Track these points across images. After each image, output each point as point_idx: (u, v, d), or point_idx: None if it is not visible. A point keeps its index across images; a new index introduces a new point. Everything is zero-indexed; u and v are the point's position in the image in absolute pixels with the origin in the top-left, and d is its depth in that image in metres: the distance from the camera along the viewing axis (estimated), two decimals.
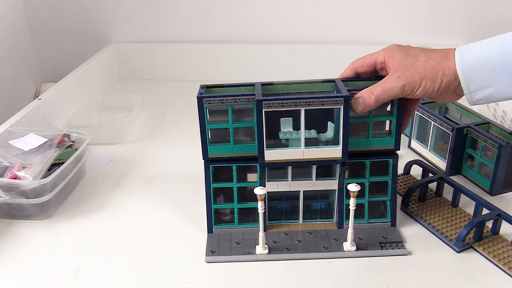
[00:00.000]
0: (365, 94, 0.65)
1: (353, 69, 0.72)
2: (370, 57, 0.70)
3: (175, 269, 0.67)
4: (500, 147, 0.79)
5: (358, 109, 0.66)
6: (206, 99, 0.66)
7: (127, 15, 1.38)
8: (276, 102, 0.64)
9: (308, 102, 0.64)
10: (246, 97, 0.66)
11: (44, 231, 0.76)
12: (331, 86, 0.71)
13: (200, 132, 0.68)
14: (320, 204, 0.75)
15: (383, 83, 0.65)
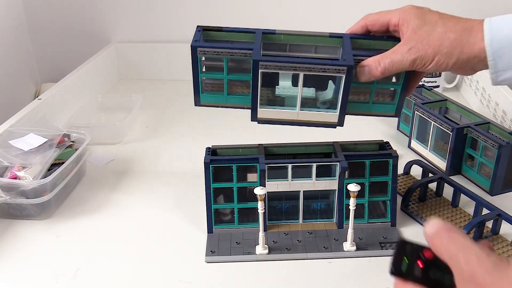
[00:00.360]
0: (371, 64, 0.60)
1: (364, 25, 0.65)
2: (384, 16, 0.63)
3: (175, 269, 0.67)
4: (500, 147, 0.79)
5: (362, 79, 0.61)
6: (200, 49, 0.61)
7: (127, 15, 1.38)
8: (273, 64, 0.60)
9: (308, 68, 0.60)
10: (244, 51, 0.62)
11: (44, 231, 0.76)
12: (338, 42, 0.67)
13: (193, 80, 0.64)
14: (320, 204, 0.75)
15: (392, 54, 0.59)
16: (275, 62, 0.60)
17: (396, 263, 0.42)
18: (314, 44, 0.67)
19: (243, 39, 0.66)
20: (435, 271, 0.41)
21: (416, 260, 0.42)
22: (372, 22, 0.64)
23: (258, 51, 0.61)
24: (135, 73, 1.43)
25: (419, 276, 0.41)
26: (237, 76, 0.65)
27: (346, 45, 0.63)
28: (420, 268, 0.41)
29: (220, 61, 0.63)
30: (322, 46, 0.67)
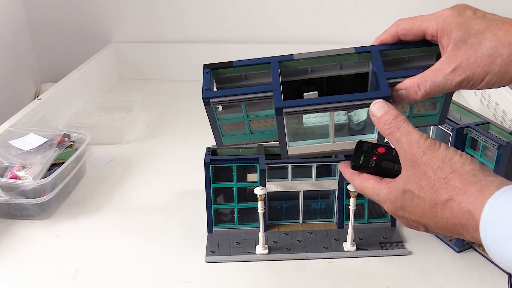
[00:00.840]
0: (410, 88, 0.52)
1: (395, 34, 0.56)
2: (418, 24, 0.54)
3: (175, 269, 0.67)
4: (500, 147, 0.79)
5: (400, 103, 0.53)
6: (214, 100, 0.55)
7: (127, 15, 1.38)
8: (298, 110, 0.53)
9: (338, 107, 0.53)
10: (263, 94, 0.55)
11: (44, 231, 0.76)
12: (366, 57, 0.58)
13: (211, 126, 0.58)
14: (320, 204, 0.75)
15: (434, 75, 0.51)
16: (300, 106, 0.53)
17: (355, 158, 0.53)
18: (339, 63, 0.58)
19: (258, 71, 0.59)
20: (386, 163, 0.51)
21: (372, 156, 0.52)
22: (404, 31, 0.55)
23: (279, 93, 0.53)
24: (135, 73, 1.43)
25: (372, 166, 0.52)
26: (259, 115, 0.58)
27: (376, 63, 0.55)
28: (374, 160, 0.52)
29: (237, 105, 0.57)
30: (348, 63, 0.59)
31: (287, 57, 0.57)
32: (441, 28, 0.51)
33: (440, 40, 0.52)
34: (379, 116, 0.49)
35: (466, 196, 0.42)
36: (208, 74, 0.58)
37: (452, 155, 0.44)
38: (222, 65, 0.59)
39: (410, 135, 0.46)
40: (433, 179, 0.44)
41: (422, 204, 0.45)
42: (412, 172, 0.46)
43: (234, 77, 0.59)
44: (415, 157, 0.45)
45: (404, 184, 0.47)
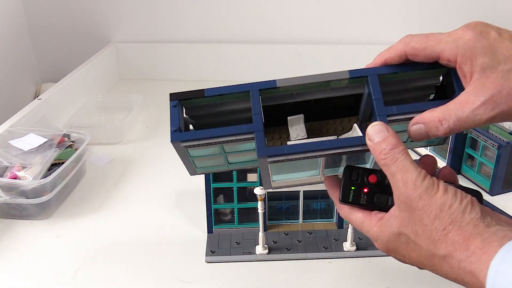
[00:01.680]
0: (430, 123, 0.45)
1: (402, 54, 0.48)
2: (432, 45, 0.45)
3: (175, 269, 0.67)
4: (500, 147, 0.79)
5: (417, 139, 0.46)
6: (185, 144, 0.47)
7: (127, 15, 1.38)
8: (284, 158, 0.46)
9: (330, 154, 0.46)
10: (242, 136, 0.47)
11: (44, 231, 0.76)
12: (359, 82, 0.49)
13: (181, 160, 0.51)
14: (320, 204, 0.75)
15: (458, 109, 0.43)
16: (287, 154, 0.46)
17: (344, 192, 0.47)
18: (328, 88, 0.50)
19: (235, 98, 0.50)
20: (379, 196, 0.46)
21: (362, 188, 0.47)
22: (414, 51, 0.47)
23: (261, 136, 0.46)
24: (135, 73, 1.43)
25: (364, 203, 0.46)
26: (238, 150, 0.50)
27: (374, 91, 0.47)
28: (365, 194, 0.47)
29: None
30: (338, 88, 0.50)
31: (269, 84, 0.48)
32: (463, 53, 0.43)
33: (461, 66, 0.44)
34: (376, 142, 0.44)
35: (467, 253, 0.38)
36: (176, 108, 0.48)
37: (451, 202, 0.40)
38: (192, 94, 0.49)
39: (407, 172, 0.42)
40: (430, 228, 0.40)
41: (419, 251, 0.42)
42: (407, 214, 0.42)
43: (206, 105, 0.50)
44: (410, 200, 0.41)
45: (399, 226, 0.43)
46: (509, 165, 0.81)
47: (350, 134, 0.50)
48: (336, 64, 1.35)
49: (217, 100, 0.49)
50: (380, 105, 0.46)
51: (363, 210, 0.47)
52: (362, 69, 0.48)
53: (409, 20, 1.34)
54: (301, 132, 0.51)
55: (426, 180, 0.41)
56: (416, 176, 0.41)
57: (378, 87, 0.47)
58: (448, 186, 0.42)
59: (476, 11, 1.31)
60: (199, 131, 0.47)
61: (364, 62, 0.57)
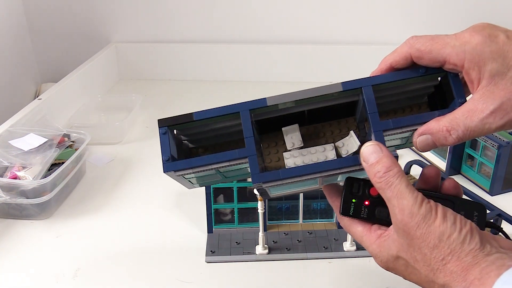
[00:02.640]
0: (438, 133, 0.43)
1: (407, 56, 0.45)
2: (438, 48, 0.43)
3: (175, 269, 0.67)
4: (500, 147, 0.79)
5: (424, 149, 0.45)
6: (178, 173, 0.47)
7: (127, 15, 1.38)
8: (280, 183, 0.45)
9: (326, 175, 0.46)
10: (235, 161, 0.46)
11: (44, 231, 0.76)
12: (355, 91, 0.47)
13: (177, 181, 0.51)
14: (320, 204, 0.75)
15: (467, 118, 0.42)
16: (283, 179, 0.45)
17: (345, 205, 0.46)
18: (322, 103, 0.49)
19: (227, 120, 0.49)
20: (380, 210, 0.45)
21: (363, 201, 0.46)
22: (419, 53, 0.45)
23: (255, 161, 0.45)
24: (135, 73, 1.43)
25: (364, 216, 0.46)
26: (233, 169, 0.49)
27: (369, 104, 0.45)
28: (366, 207, 0.46)
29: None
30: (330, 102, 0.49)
31: (258, 103, 0.47)
32: (470, 59, 0.42)
33: (468, 72, 0.42)
34: (370, 163, 0.43)
35: (465, 284, 0.38)
36: (166, 135, 0.49)
37: (450, 231, 0.39)
38: (181, 119, 0.49)
39: (403, 198, 0.41)
40: (429, 257, 0.40)
41: (418, 275, 0.42)
42: (405, 241, 0.41)
43: (197, 125, 0.49)
44: (408, 228, 0.40)
45: (397, 251, 0.43)
46: (509, 165, 0.81)
47: (347, 140, 0.49)
48: (336, 64, 1.36)
49: (205, 122, 0.49)
50: (375, 120, 0.45)
51: (363, 223, 0.46)
52: (356, 81, 0.47)
53: (409, 20, 1.34)
54: (297, 140, 0.50)
55: (423, 207, 0.40)
56: (412, 203, 0.40)
57: (373, 100, 0.45)
58: (447, 211, 0.41)
59: (476, 10, 1.31)
60: (191, 160, 0.46)
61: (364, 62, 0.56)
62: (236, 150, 0.46)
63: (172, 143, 0.48)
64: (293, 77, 1.37)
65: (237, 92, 1.31)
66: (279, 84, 1.36)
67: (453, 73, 0.45)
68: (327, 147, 0.48)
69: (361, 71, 1.47)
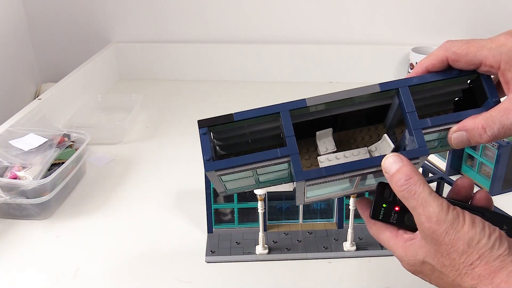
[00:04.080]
0: (473, 129, 0.45)
1: (444, 59, 0.47)
2: (475, 51, 0.45)
3: (175, 269, 0.67)
4: (500, 147, 0.79)
5: (458, 146, 0.46)
6: (220, 172, 0.46)
7: (127, 15, 1.38)
8: (322, 181, 0.46)
9: (365, 173, 0.46)
10: (278, 160, 0.46)
11: (44, 231, 0.76)
12: (388, 94, 0.48)
13: (213, 183, 0.51)
14: (320, 204, 0.75)
15: (503, 116, 0.44)
16: (326, 177, 0.46)
17: (375, 209, 0.47)
18: (358, 104, 0.49)
19: (263, 122, 0.49)
20: (410, 217, 0.45)
21: (394, 206, 0.46)
22: (456, 56, 0.46)
23: (297, 159, 0.45)
24: (135, 73, 1.43)
25: (394, 222, 0.46)
26: (270, 171, 0.49)
27: (407, 105, 0.46)
28: (396, 212, 0.46)
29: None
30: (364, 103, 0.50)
31: (298, 104, 0.47)
32: (507, 60, 0.44)
33: (504, 73, 0.44)
34: (391, 173, 0.44)
35: (492, 286, 0.39)
36: (206, 136, 0.47)
37: (480, 237, 0.40)
38: (221, 120, 0.48)
39: (428, 206, 0.42)
40: (458, 262, 0.41)
41: (445, 279, 0.43)
42: (433, 247, 0.42)
43: (234, 128, 0.49)
44: (436, 235, 0.41)
45: (424, 256, 0.43)
46: (509, 165, 0.81)
47: (380, 143, 0.50)
48: (336, 64, 1.36)
49: (245, 123, 0.49)
50: (414, 119, 0.46)
51: (391, 228, 0.47)
52: (392, 82, 0.48)
53: (409, 20, 1.34)
54: (330, 145, 0.51)
55: (450, 213, 0.41)
56: (438, 210, 0.41)
57: (411, 100, 0.46)
58: (476, 218, 0.41)
59: (476, 10, 1.31)
60: (233, 159, 0.46)
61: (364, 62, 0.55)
62: (278, 149, 0.46)
63: (212, 146, 0.48)
64: (293, 77, 1.38)
65: (237, 92, 1.31)
66: (280, 84, 1.36)
67: (485, 74, 0.47)
68: (360, 151, 0.49)
69: (362, 71, 1.48)
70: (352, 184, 0.50)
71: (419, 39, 1.35)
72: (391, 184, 0.44)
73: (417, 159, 0.45)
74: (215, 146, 0.50)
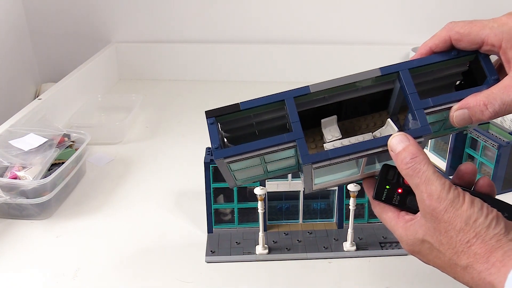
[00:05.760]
0: (474, 106, 0.46)
1: (447, 39, 0.48)
2: (477, 30, 0.46)
3: (175, 269, 0.67)
4: (500, 147, 0.79)
5: (459, 124, 0.47)
6: (228, 160, 0.47)
7: (127, 15, 1.38)
8: (328, 163, 0.47)
9: (371, 154, 0.47)
10: (284, 145, 0.47)
11: (44, 231, 0.76)
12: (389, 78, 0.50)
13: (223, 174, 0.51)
14: (320, 204, 0.75)
15: (503, 93, 0.45)
16: (330, 159, 0.46)
17: (379, 190, 0.48)
18: (359, 87, 0.51)
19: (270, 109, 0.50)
20: (411, 199, 0.46)
21: (397, 188, 0.48)
22: (459, 35, 0.47)
23: (303, 144, 0.47)
24: (135, 73, 1.43)
25: (396, 203, 0.48)
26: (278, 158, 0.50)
27: (408, 86, 0.48)
28: (399, 194, 0.48)
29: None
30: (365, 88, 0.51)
31: (302, 90, 0.49)
32: (508, 38, 0.45)
33: (505, 51, 0.45)
34: (397, 152, 0.45)
35: (487, 265, 0.40)
36: (214, 125, 0.49)
37: (477, 216, 0.41)
38: (227, 110, 0.49)
39: (431, 184, 0.43)
40: (455, 240, 0.42)
41: (442, 258, 0.44)
42: (432, 225, 0.43)
43: (241, 118, 0.50)
44: (436, 212, 0.42)
45: (423, 234, 0.44)
46: (509, 165, 0.81)
47: (384, 129, 0.51)
48: (336, 64, 1.36)
49: (251, 112, 0.50)
50: (415, 99, 0.47)
51: (393, 210, 0.48)
52: (393, 65, 0.49)
53: (409, 20, 1.34)
54: (335, 132, 0.51)
55: (451, 192, 0.42)
56: (440, 188, 0.42)
57: (411, 81, 0.48)
58: (475, 199, 0.42)
59: (476, 10, 1.31)
60: (241, 146, 0.47)
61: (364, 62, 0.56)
62: (284, 134, 0.47)
63: (220, 135, 0.49)
64: (293, 77, 1.38)
65: (238, 92, 1.31)
66: (279, 84, 1.36)
67: (483, 54, 0.48)
68: (365, 136, 0.50)
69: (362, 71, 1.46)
70: (359, 168, 0.51)
71: (419, 39, 1.34)
72: (396, 162, 0.45)
73: (420, 138, 0.46)
74: (223, 139, 0.51)
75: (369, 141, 0.47)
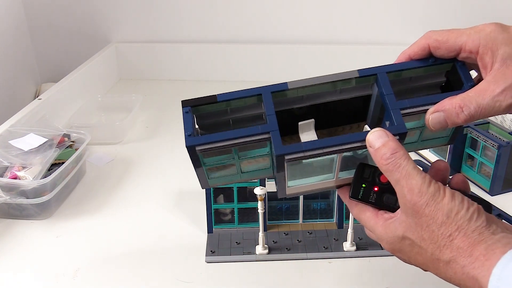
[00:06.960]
0: (450, 109, 0.45)
1: (425, 47, 0.49)
2: (455, 37, 0.47)
3: (175, 269, 0.67)
4: (500, 147, 0.79)
5: (435, 128, 0.47)
6: (200, 148, 0.48)
7: (127, 15, 1.38)
8: (302, 155, 0.46)
9: (347, 149, 0.47)
10: (258, 137, 0.47)
11: (44, 231, 0.76)
12: (369, 80, 0.50)
13: (195, 170, 0.51)
14: (320, 204, 0.75)
15: (479, 97, 0.44)
16: (304, 151, 0.46)
17: (355, 188, 0.48)
18: (338, 88, 0.51)
19: (247, 103, 0.51)
20: (388, 197, 0.47)
21: (373, 187, 0.48)
22: (437, 43, 0.48)
23: (277, 135, 0.46)
24: (135, 73, 1.43)
25: (372, 201, 0.47)
26: (251, 156, 0.50)
27: (385, 88, 0.48)
28: (375, 192, 0.48)
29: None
30: (347, 89, 0.51)
31: (280, 86, 0.49)
32: (484, 44, 0.45)
33: (482, 57, 0.46)
34: (376, 147, 0.44)
35: (471, 259, 0.40)
36: (189, 114, 0.49)
37: (458, 209, 0.41)
38: (204, 100, 0.49)
39: (411, 178, 0.42)
40: (437, 234, 0.42)
41: (424, 254, 0.43)
42: (413, 221, 0.43)
43: (217, 112, 0.50)
44: (417, 206, 0.42)
45: (404, 231, 0.44)
46: (509, 165, 0.81)
47: None
48: (336, 64, 1.36)
49: (228, 106, 0.50)
50: (392, 100, 0.47)
51: (371, 209, 0.48)
52: (371, 68, 0.49)
53: (409, 20, 1.34)
54: (312, 136, 0.51)
55: (432, 186, 0.42)
56: (421, 182, 0.42)
57: (388, 83, 0.48)
58: (455, 192, 0.42)
59: (476, 10, 1.31)
60: (214, 134, 0.47)
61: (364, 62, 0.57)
62: (259, 126, 0.47)
63: (194, 123, 0.50)
64: (293, 77, 1.37)
65: None
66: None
67: (460, 61, 0.49)
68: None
69: None
70: (333, 172, 0.50)
71: None
72: (375, 158, 0.45)
73: (396, 136, 0.46)
74: (198, 133, 0.51)
75: (346, 136, 0.46)
